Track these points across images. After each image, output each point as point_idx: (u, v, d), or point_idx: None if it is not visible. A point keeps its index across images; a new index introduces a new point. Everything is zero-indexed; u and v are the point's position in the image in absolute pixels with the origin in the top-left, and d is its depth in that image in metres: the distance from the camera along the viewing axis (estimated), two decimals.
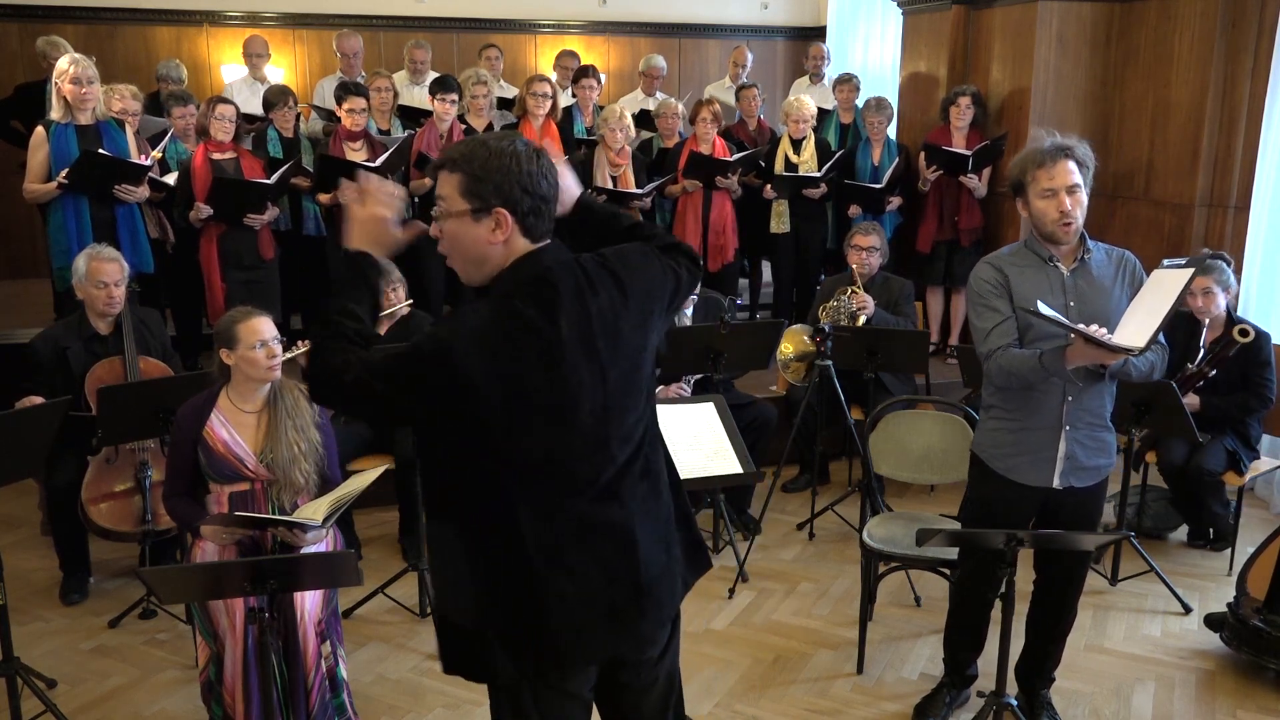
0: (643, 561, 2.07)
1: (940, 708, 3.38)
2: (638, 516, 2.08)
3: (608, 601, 2.06)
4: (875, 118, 6.31)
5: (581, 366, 1.96)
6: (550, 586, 2.01)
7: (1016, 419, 3.01)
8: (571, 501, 2.02)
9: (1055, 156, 2.86)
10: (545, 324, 1.92)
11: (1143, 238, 5.96)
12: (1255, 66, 5.37)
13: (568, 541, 2.02)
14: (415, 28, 8.55)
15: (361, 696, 3.43)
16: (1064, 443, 2.97)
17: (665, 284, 2.12)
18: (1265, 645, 3.56)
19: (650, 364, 2.14)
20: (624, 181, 5.86)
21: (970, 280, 3.03)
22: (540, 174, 1.94)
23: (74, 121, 4.82)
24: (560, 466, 2.01)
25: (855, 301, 5.06)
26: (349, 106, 5.53)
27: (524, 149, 1.94)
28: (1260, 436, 4.61)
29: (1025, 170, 2.92)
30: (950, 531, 3.05)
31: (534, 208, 1.93)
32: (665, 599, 2.15)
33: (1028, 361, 2.83)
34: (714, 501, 4.59)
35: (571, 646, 2.06)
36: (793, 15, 9.69)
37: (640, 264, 2.09)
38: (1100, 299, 2.92)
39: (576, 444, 2.00)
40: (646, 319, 2.08)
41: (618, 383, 2.02)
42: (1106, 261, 3.00)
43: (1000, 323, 2.91)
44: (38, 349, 4.13)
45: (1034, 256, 2.97)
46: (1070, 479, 3.01)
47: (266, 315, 3.17)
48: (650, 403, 2.14)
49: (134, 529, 4.03)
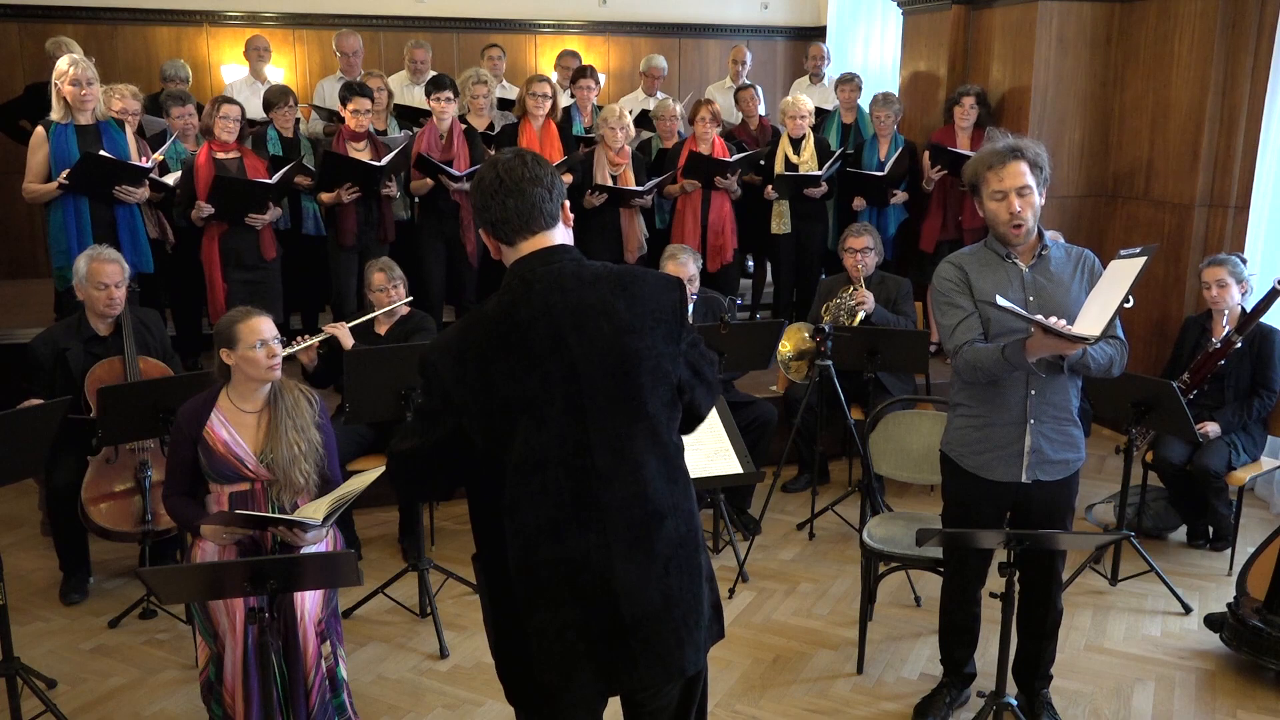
0: (622, 598, 2.03)
1: (940, 707, 3.38)
2: (618, 550, 2.03)
3: (588, 640, 2.04)
4: (882, 112, 6.30)
5: (546, 357, 2.01)
6: (531, 621, 2.05)
7: (982, 415, 3.04)
8: (553, 530, 2.02)
9: (1005, 158, 2.88)
10: (504, 312, 2.04)
11: (1143, 238, 5.96)
12: (1255, 66, 5.37)
13: (546, 575, 2.03)
14: (415, 28, 8.56)
15: (361, 696, 3.44)
16: (1029, 436, 3.00)
17: (670, 302, 2.13)
18: (1265, 645, 3.56)
19: (651, 382, 2.07)
20: (624, 180, 5.86)
21: (933, 279, 3.08)
22: (503, 193, 2.06)
23: (74, 122, 4.83)
24: (540, 474, 2.01)
25: (855, 298, 5.08)
26: (354, 107, 5.53)
27: (488, 174, 2.09)
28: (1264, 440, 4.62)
29: (978, 172, 2.95)
30: (950, 531, 3.06)
31: (502, 219, 2.08)
32: (665, 648, 2.07)
33: (991, 355, 2.87)
34: (714, 501, 4.59)
35: (556, 686, 2.06)
36: (793, 15, 9.69)
37: (654, 281, 2.14)
38: (1059, 294, 2.96)
39: (553, 445, 2.01)
40: (646, 330, 2.07)
41: (595, 381, 2.02)
42: (1065, 259, 3.03)
43: (964, 319, 2.96)
44: (36, 350, 4.13)
45: (993, 255, 3.01)
46: (1037, 473, 3.03)
47: (267, 315, 3.16)
48: (657, 435, 2.08)
49: (134, 529, 4.04)
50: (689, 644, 2.11)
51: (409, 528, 4.47)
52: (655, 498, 2.06)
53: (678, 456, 2.14)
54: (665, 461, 2.10)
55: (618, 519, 2.03)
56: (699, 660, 2.14)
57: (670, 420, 2.12)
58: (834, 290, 5.27)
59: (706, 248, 6.02)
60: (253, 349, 3.08)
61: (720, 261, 6.10)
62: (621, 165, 5.88)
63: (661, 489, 2.07)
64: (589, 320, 2.03)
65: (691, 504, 2.15)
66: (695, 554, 2.13)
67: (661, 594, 2.06)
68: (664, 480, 2.08)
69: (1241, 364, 4.50)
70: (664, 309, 2.10)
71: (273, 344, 3.12)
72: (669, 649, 2.07)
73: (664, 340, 2.09)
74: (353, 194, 5.51)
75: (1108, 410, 4.53)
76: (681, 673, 2.11)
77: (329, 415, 3.34)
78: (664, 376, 2.09)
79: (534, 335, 2.01)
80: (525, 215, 2.06)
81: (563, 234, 2.14)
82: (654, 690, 2.16)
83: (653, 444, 2.08)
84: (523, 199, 2.05)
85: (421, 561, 3.98)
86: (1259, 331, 4.45)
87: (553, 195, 2.09)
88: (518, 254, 2.09)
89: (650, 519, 2.06)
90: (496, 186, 2.05)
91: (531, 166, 2.07)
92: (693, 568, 2.12)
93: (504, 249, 2.11)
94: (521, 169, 2.06)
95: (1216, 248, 5.43)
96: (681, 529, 2.10)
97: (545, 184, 2.08)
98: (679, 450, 2.15)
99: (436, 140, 5.70)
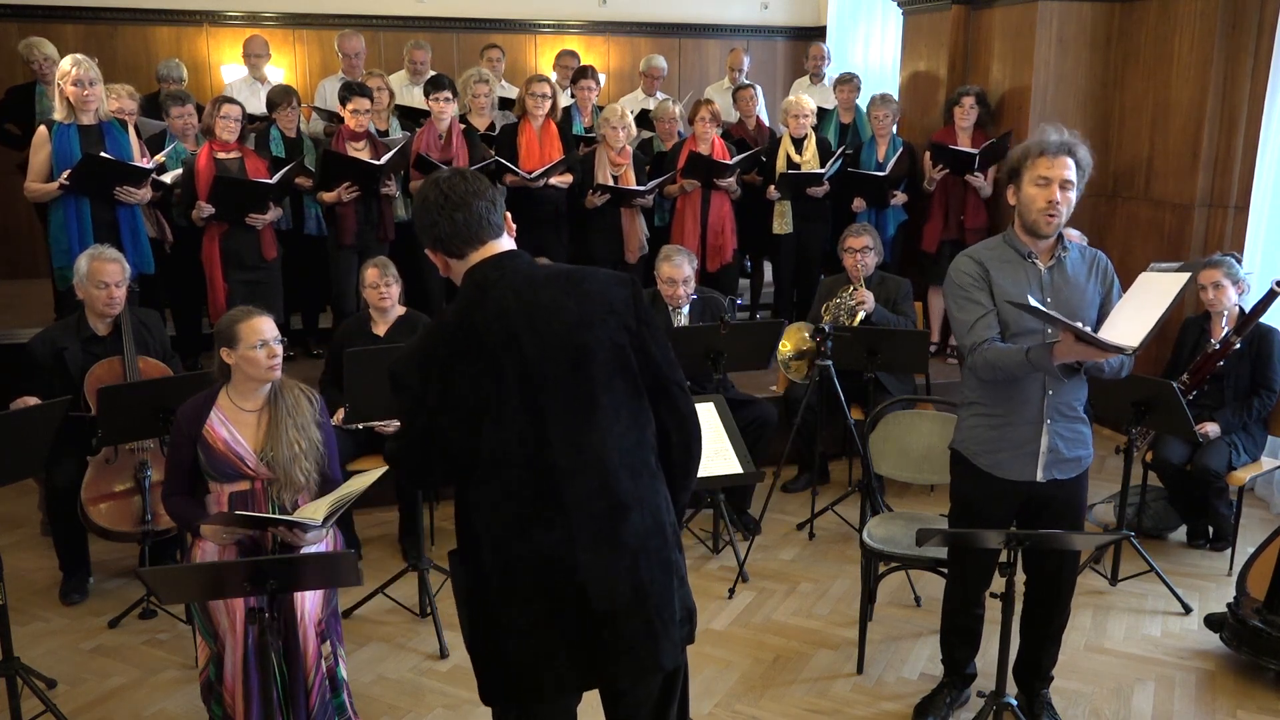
0: (590, 591, 2.05)
1: (941, 707, 3.38)
2: (583, 543, 2.05)
3: (561, 635, 2.06)
4: (880, 111, 6.30)
5: (501, 358, 2.06)
6: (504, 618, 2.07)
7: (998, 414, 3.03)
8: (519, 527, 2.06)
9: (1060, 150, 2.89)
10: (460, 316, 2.10)
11: (1143, 238, 5.96)
12: (1255, 66, 5.37)
13: (518, 572, 2.06)
14: (415, 28, 8.55)
15: (361, 696, 3.44)
16: (1046, 436, 3.00)
17: (622, 296, 2.17)
18: (1265, 645, 3.56)
19: (605, 375, 2.10)
20: (625, 180, 5.86)
21: (950, 272, 3.05)
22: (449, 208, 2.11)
23: (76, 122, 4.83)
24: (503, 472, 2.05)
25: (855, 298, 5.08)
26: (353, 107, 5.53)
27: (431, 193, 2.14)
28: (1264, 440, 4.62)
29: (1027, 155, 2.93)
30: (950, 531, 3.06)
31: (450, 234, 2.14)
32: (639, 641, 2.08)
33: (1014, 356, 2.86)
34: (714, 501, 4.59)
35: (530, 683, 2.08)
36: (793, 15, 9.69)
37: (605, 277, 2.19)
38: (1075, 296, 2.97)
39: (513, 444, 2.05)
40: (596, 323, 2.11)
41: (550, 378, 2.06)
42: (1080, 260, 3.04)
43: (983, 316, 2.94)
44: (35, 350, 4.12)
45: (1012, 251, 3.00)
46: (1054, 471, 3.04)
47: (268, 315, 3.16)
48: (617, 428, 2.10)
49: (134, 529, 4.03)
50: (664, 638, 2.11)
51: (409, 528, 4.47)
52: (618, 490, 2.09)
53: (642, 450, 2.15)
54: (627, 454, 2.12)
55: (581, 513, 2.06)
56: (676, 656, 2.16)
57: (635, 413, 2.14)
58: (834, 290, 5.27)
59: (706, 248, 6.02)
60: (253, 349, 3.08)
61: (719, 261, 6.10)
62: (623, 165, 5.88)
63: (625, 480, 2.10)
64: (541, 319, 2.08)
65: (658, 498, 2.16)
66: (666, 548, 2.15)
67: (632, 586, 2.08)
68: (627, 472, 2.11)
69: (1241, 364, 4.51)
70: (615, 303, 2.14)
71: (273, 344, 3.11)
72: (642, 642, 2.09)
73: (618, 332, 2.12)
74: (352, 193, 5.51)
75: (1108, 410, 4.53)
76: (658, 667, 2.13)
77: (329, 414, 3.34)
78: (621, 368, 2.12)
79: (489, 337, 2.07)
80: (473, 227, 2.12)
81: (509, 242, 2.19)
82: (632, 680, 2.17)
83: (613, 437, 2.10)
84: (469, 212, 2.12)
85: (421, 561, 3.98)
86: (1258, 331, 4.45)
87: (496, 207, 2.16)
88: (467, 265, 2.15)
89: (614, 511, 2.08)
90: (442, 203, 2.12)
91: (472, 181, 2.14)
92: (664, 562, 2.14)
93: (453, 263, 2.17)
94: (463, 184, 2.13)
95: (1216, 247, 5.43)
96: (648, 521, 2.12)
97: (488, 197, 2.14)
98: (644, 444, 2.15)
99: (436, 140, 5.70)
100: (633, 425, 2.13)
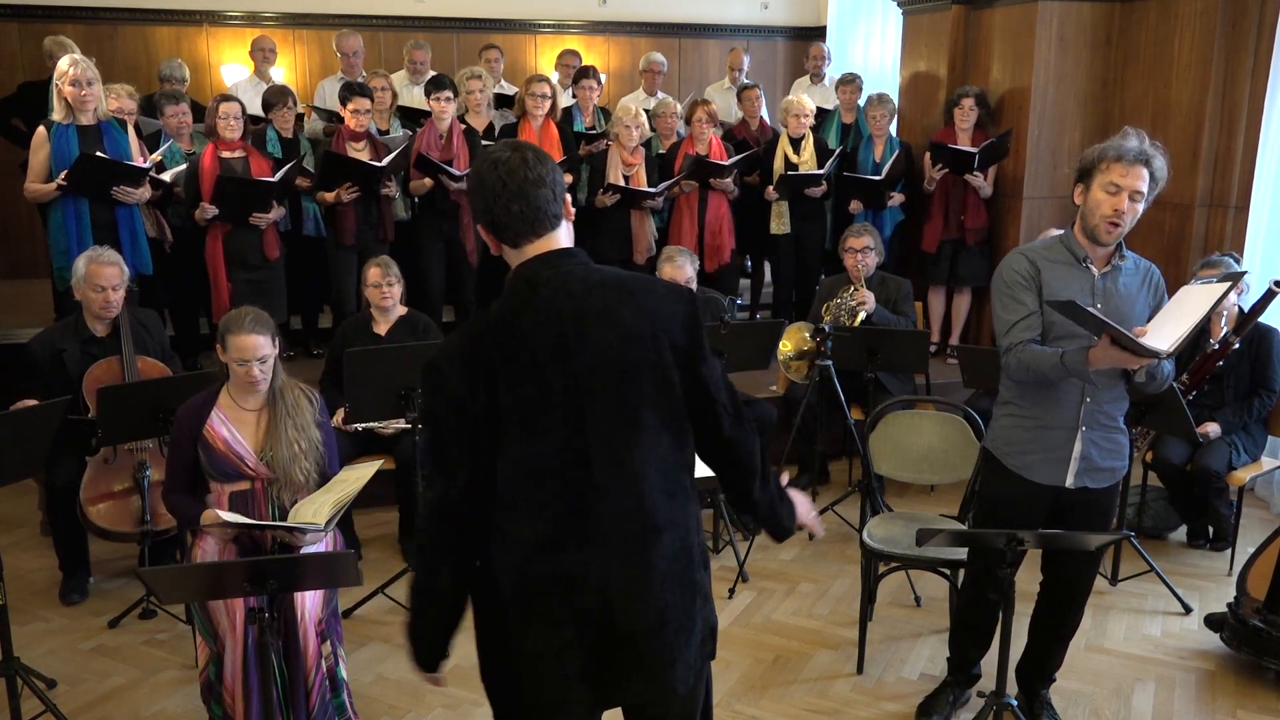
0: (619, 612, 1.97)
1: (944, 706, 3.38)
2: (615, 564, 1.97)
3: (584, 657, 1.98)
4: (877, 111, 6.30)
5: (548, 365, 1.93)
6: (525, 640, 1.99)
7: (1033, 416, 3.00)
8: (550, 545, 1.96)
9: (1136, 159, 2.80)
10: (508, 316, 1.96)
11: (1143, 238, 5.95)
12: (1255, 66, 5.37)
13: (542, 593, 1.97)
14: (415, 28, 8.55)
15: (361, 696, 3.44)
16: (1080, 443, 2.97)
17: (677, 312, 2.04)
18: (1265, 645, 3.56)
19: (654, 394, 1.98)
20: (636, 181, 5.87)
21: (1001, 268, 2.99)
22: (506, 197, 1.95)
23: (75, 122, 4.82)
24: (538, 485, 1.95)
25: (855, 298, 5.08)
26: (353, 107, 5.53)
27: (489, 175, 1.96)
28: (1265, 440, 4.61)
29: (1102, 158, 2.84)
30: (950, 531, 3.05)
31: (506, 224, 1.98)
32: (658, 665, 2.02)
33: (1049, 359, 2.81)
34: (714, 501, 4.59)
35: (549, 706, 2.02)
36: (793, 15, 9.69)
37: (664, 291, 2.07)
38: (1125, 306, 2.91)
39: (551, 456, 1.94)
40: (649, 340, 1.98)
41: (597, 391, 1.94)
42: (1135, 271, 2.98)
43: (1025, 316, 2.89)
44: (34, 351, 4.13)
45: (1068, 254, 2.94)
46: (1085, 479, 3.00)
47: (260, 333, 3.08)
48: (659, 448, 2.00)
49: (133, 529, 4.03)
50: (680, 662, 2.04)
51: (409, 528, 4.47)
52: (654, 512, 1.99)
53: (680, 471, 2.06)
54: (665, 475, 2.02)
55: (614, 532, 1.97)
56: (689, 680, 2.08)
57: (677, 435, 2.04)
58: (834, 290, 5.27)
59: (704, 248, 6.02)
60: (236, 364, 3.08)
61: (717, 262, 6.10)
62: (635, 165, 5.89)
63: (660, 503, 2.00)
64: (593, 327, 1.95)
65: (689, 519, 2.07)
66: (691, 570, 2.06)
67: (657, 610, 2.00)
68: (663, 494, 2.01)
69: (1240, 364, 4.51)
70: (672, 321, 2.01)
71: (253, 366, 3.08)
72: (660, 667, 2.02)
73: (667, 349, 1.99)
74: (352, 194, 5.51)
75: None
76: (673, 691, 2.05)
77: (329, 413, 3.34)
78: (668, 389, 2.00)
79: (537, 341, 1.93)
80: (530, 219, 1.97)
81: (567, 233, 2.06)
82: (647, 701, 2.11)
83: (653, 457, 2.00)
84: (527, 203, 1.95)
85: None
86: (1257, 331, 4.45)
87: (556, 195, 2.00)
88: (522, 256, 2.00)
89: (647, 533, 1.99)
90: (499, 189, 1.94)
91: (534, 166, 1.96)
92: (688, 584, 2.06)
93: (507, 250, 2.03)
94: (524, 170, 1.95)
95: (1216, 247, 5.43)
96: (677, 544, 2.03)
97: (548, 183, 1.98)
98: (684, 466, 2.06)
99: (436, 140, 5.70)
100: (674, 446, 2.03)
